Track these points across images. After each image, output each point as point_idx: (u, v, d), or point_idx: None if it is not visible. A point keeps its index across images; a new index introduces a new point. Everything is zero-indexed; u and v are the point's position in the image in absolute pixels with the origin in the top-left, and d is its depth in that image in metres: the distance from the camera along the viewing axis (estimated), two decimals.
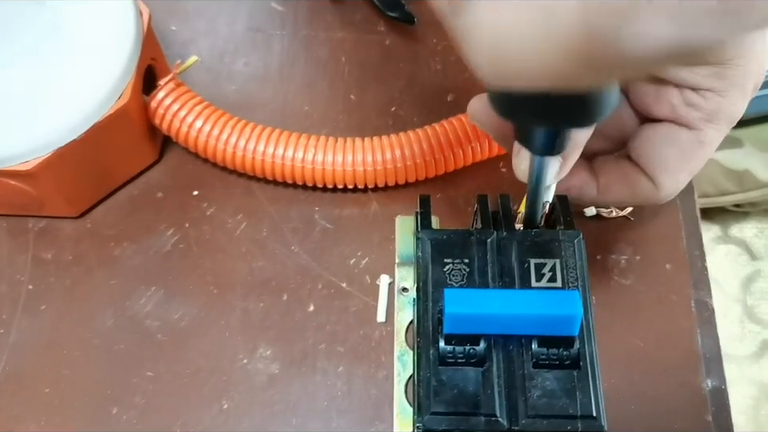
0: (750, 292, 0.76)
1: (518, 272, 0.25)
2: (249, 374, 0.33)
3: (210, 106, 0.36)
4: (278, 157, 0.35)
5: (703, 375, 0.33)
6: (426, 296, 0.25)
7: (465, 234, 0.26)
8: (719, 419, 0.32)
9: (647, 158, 0.29)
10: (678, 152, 0.29)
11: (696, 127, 0.28)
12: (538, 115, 0.20)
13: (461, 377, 0.24)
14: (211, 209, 0.37)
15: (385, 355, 0.33)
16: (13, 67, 0.34)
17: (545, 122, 0.21)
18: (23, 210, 0.36)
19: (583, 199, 0.31)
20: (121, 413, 0.32)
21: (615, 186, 0.31)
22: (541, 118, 0.21)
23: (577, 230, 0.26)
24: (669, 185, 0.30)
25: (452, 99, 0.40)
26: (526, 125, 0.22)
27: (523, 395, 0.23)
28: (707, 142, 0.28)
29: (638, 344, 0.33)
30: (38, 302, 0.35)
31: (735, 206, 0.75)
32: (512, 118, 0.22)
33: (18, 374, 0.33)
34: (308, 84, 0.41)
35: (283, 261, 0.36)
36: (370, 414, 0.32)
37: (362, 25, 0.43)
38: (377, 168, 0.35)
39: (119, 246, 0.37)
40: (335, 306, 0.35)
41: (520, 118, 0.22)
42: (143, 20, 0.36)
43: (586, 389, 0.23)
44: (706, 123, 0.28)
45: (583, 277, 0.25)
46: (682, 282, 0.35)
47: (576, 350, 0.24)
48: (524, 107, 0.20)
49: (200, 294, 0.35)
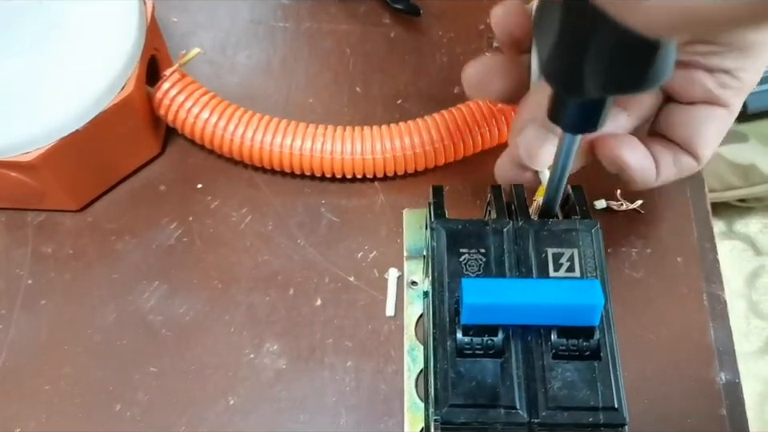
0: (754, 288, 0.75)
1: (536, 262, 0.25)
2: (255, 370, 0.32)
3: (215, 97, 0.35)
4: (285, 147, 0.35)
5: (716, 369, 0.32)
6: (442, 286, 0.25)
7: (480, 223, 0.26)
8: (733, 414, 0.31)
9: (688, 137, 0.30)
10: (717, 128, 0.30)
11: (730, 104, 0.29)
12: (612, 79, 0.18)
13: (479, 368, 0.23)
14: (215, 202, 0.37)
15: (394, 350, 0.33)
16: (15, 57, 0.33)
17: (614, 86, 0.19)
18: (23, 203, 0.36)
19: (641, 187, 0.31)
20: (124, 410, 0.32)
21: (666, 167, 0.31)
22: (612, 81, 0.19)
23: (594, 219, 0.26)
24: (709, 154, 0.31)
25: (458, 91, 0.40)
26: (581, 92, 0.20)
27: (543, 387, 0.23)
28: (737, 110, 0.30)
29: (651, 337, 0.33)
30: (37, 297, 0.34)
31: (740, 201, 0.75)
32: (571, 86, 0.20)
33: (17, 371, 0.33)
34: (312, 77, 0.41)
35: (289, 254, 0.35)
36: (380, 409, 0.32)
37: (366, 17, 0.43)
38: (385, 156, 0.35)
39: (121, 240, 0.36)
40: (343, 300, 0.34)
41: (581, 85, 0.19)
42: (147, 10, 0.35)
43: (606, 380, 0.23)
44: (737, 97, 0.29)
45: (602, 267, 0.25)
46: (694, 274, 0.34)
47: (596, 340, 0.23)
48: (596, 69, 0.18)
49: (204, 289, 0.34)
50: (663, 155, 0.31)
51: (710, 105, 0.30)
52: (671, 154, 0.31)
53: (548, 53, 0.19)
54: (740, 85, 0.29)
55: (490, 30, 0.42)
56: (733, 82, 0.28)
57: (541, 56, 0.19)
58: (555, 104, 0.22)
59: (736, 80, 0.28)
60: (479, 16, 0.43)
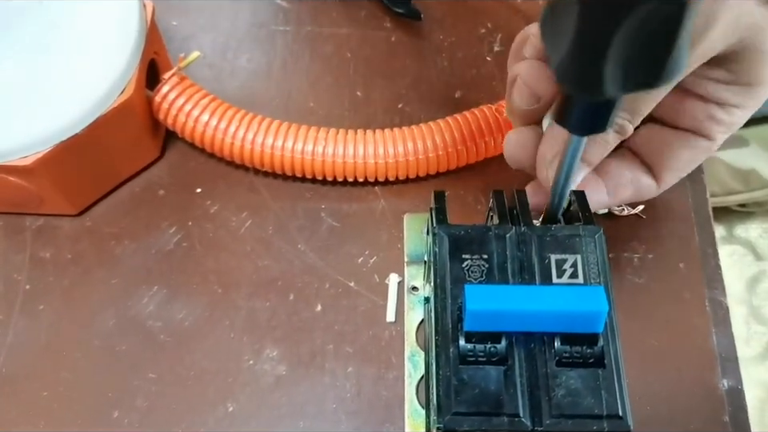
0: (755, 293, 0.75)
1: (539, 268, 0.25)
2: (255, 376, 0.32)
3: (215, 100, 0.35)
4: (286, 150, 0.34)
5: (719, 375, 0.32)
6: (445, 292, 0.24)
7: (483, 229, 0.25)
8: (736, 420, 0.31)
9: (658, 158, 0.30)
10: (692, 156, 0.30)
11: (713, 138, 0.29)
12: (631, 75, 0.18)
13: (482, 376, 0.23)
14: (215, 206, 0.37)
15: (395, 356, 0.33)
16: (14, 60, 0.33)
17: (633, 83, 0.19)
18: (21, 208, 0.35)
19: (595, 208, 0.31)
20: (122, 416, 0.31)
21: (622, 187, 0.31)
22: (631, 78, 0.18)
23: (597, 225, 0.26)
24: (670, 182, 0.31)
25: (459, 96, 0.40)
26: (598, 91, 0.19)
27: (547, 394, 0.23)
28: (717, 145, 0.29)
29: (653, 343, 0.33)
30: (35, 302, 0.34)
31: (740, 206, 0.75)
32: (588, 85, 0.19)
33: (15, 377, 0.32)
34: (313, 80, 0.41)
35: (289, 259, 0.35)
36: (380, 416, 0.31)
37: (367, 21, 0.43)
38: (388, 161, 0.35)
39: (120, 245, 0.36)
40: (343, 305, 0.34)
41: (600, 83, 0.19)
42: (146, 13, 0.35)
43: (611, 387, 0.23)
44: (722, 134, 0.29)
45: (605, 273, 0.24)
46: (696, 280, 0.34)
47: (600, 347, 0.23)
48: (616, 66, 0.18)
49: (204, 294, 0.34)
50: (624, 175, 0.30)
51: (693, 134, 0.29)
52: (634, 175, 0.30)
53: (564, 52, 0.19)
54: (730, 121, 0.28)
55: (491, 34, 0.42)
56: (723, 116, 0.28)
57: (553, 57, 0.19)
58: (565, 106, 0.21)
59: (727, 115, 0.28)
60: (480, 20, 0.43)
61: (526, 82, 0.28)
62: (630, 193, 0.31)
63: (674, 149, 0.30)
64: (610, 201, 0.31)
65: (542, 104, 0.28)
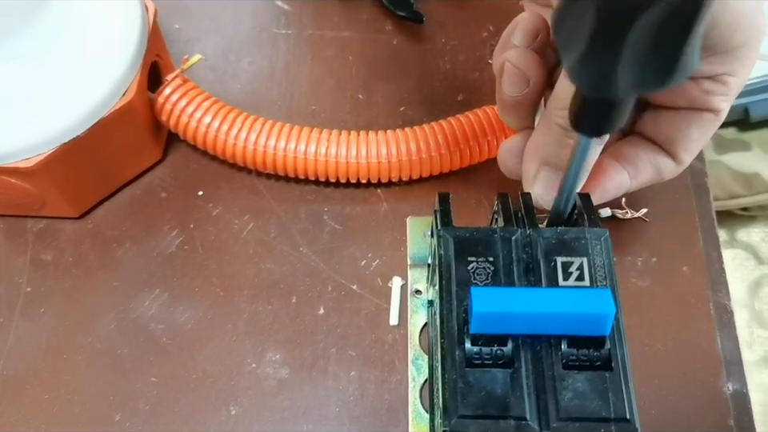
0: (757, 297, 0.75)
1: (545, 270, 0.24)
2: (257, 379, 0.32)
3: (217, 102, 0.35)
4: (289, 151, 0.34)
5: (724, 379, 0.32)
6: (450, 295, 0.24)
7: (488, 231, 0.25)
8: (741, 423, 0.31)
9: (671, 138, 0.30)
10: (702, 131, 0.30)
11: (717, 108, 0.29)
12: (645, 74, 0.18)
13: (488, 378, 0.23)
14: (217, 209, 0.36)
15: (398, 359, 0.32)
16: (16, 62, 0.33)
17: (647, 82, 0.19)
18: (22, 210, 0.35)
19: (617, 192, 0.31)
20: (124, 420, 0.31)
21: (642, 169, 0.31)
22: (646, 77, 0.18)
23: (603, 227, 0.25)
24: (689, 159, 0.31)
25: (462, 99, 0.40)
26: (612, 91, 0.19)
27: (554, 397, 0.22)
28: (724, 113, 0.29)
29: (658, 347, 0.33)
30: (37, 305, 0.34)
31: (742, 209, 0.75)
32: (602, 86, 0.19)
33: (16, 380, 0.32)
34: (315, 83, 0.41)
35: (292, 262, 0.35)
36: (384, 419, 0.31)
37: (369, 24, 0.43)
38: (390, 160, 0.34)
39: (121, 248, 0.35)
40: (346, 308, 0.34)
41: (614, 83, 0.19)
42: (149, 15, 0.35)
43: (618, 391, 0.22)
44: (724, 102, 0.28)
45: (611, 276, 0.24)
46: (700, 283, 0.34)
47: (607, 350, 0.23)
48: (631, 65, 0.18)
49: (206, 297, 0.34)
50: (641, 158, 0.30)
51: (696, 110, 0.29)
52: (650, 157, 0.30)
53: (578, 54, 0.19)
54: (726, 90, 0.28)
55: (494, 37, 0.42)
56: (718, 87, 0.28)
57: (567, 59, 0.19)
58: (578, 108, 0.21)
59: (721, 85, 0.28)
60: (482, 23, 0.43)
61: (515, 63, 0.28)
62: (651, 174, 0.31)
63: (681, 129, 0.29)
64: (633, 184, 0.31)
65: (531, 88, 0.28)
